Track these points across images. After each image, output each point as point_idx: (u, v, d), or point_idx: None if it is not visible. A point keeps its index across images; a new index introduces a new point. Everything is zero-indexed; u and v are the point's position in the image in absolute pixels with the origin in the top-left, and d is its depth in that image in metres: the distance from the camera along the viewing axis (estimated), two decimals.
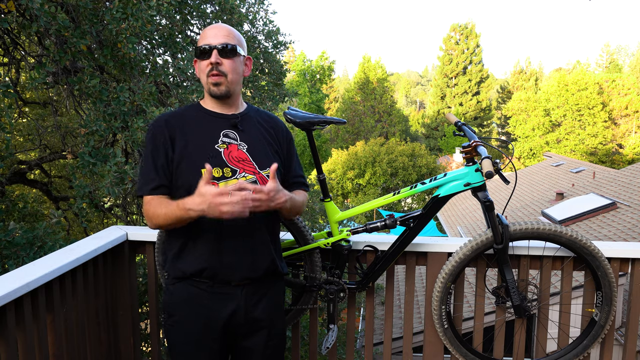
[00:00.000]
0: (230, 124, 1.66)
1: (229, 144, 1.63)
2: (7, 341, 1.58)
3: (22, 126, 6.18)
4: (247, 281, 1.65)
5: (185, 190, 1.56)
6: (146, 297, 3.40)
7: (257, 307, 1.68)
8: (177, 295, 1.65)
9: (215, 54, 1.59)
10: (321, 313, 5.39)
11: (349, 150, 26.11)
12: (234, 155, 1.63)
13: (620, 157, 31.34)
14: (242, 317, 1.65)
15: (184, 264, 1.62)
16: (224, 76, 1.61)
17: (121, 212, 4.24)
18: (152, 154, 1.61)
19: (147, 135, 1.65)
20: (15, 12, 3.14)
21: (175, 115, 1.68)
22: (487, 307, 4.86)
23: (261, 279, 1.69)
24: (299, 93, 22.29)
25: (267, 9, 5.79)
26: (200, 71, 1.64)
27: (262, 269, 1.67)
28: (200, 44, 1.63)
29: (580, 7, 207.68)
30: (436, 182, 1.91)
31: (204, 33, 1.66)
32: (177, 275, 1.64)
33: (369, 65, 36.31)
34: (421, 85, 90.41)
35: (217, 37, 1.61)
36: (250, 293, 1.67)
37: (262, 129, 1.72)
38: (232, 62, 1.62)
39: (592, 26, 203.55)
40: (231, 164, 1.61)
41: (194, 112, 1.69)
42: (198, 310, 1.63)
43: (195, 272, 1.61)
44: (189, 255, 1.62)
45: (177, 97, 4.00)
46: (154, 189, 1.59)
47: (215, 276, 1.61)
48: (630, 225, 9.86)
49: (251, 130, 1.69)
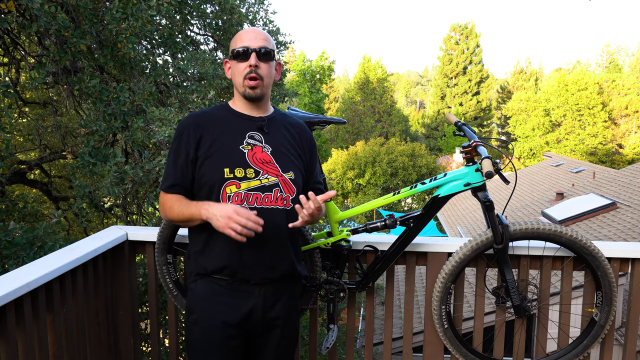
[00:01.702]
0: (256, 126, 1.69)
1: (254, 146, 1.66)
2: (7, 341, 1.58)
3: (22, 126, 6.18)
4: (266, 281, 1.67)
5: (208, 188, 1.63)
6: (146, 297, 3.40)
7: (274, 308, 1.70)
8: (199, 292, 1.68)
9: (254, 56, 1.63)
10: (321, 313, 5.39)
11: (349, 150, 26.11)
12: (258, 156, 1.65)
13: (620, 157, 31.34)
14: (259, 316, 1.68)
15: (205, 261, 1.66)
16: (261, 79, 1.65)
17: (121, 212, 4.24)
18: (175, 152, 1.67)
19: (176, 131, 1.70)
20: (15, 12, 3.14)
21: (204, 114, 1.72)
22: (487, 307, 4.86)
23: (279, 280, 1.71)
24: (299, 93, 22.31)
25: (267, 9, 5.79)
26: (236, 72, 1.67)
27: (281, 271, 1.70)
28: (237, 46, 1.65)
29: (580, 7, 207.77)
30: (436, 182, 1.91)
31: (239, 36, 1.68)
32: (199, 272, 1.68)
33: (369, 65, 36.32)
34: (421, 85, 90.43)
35: (256, 40, 1.65)
36: (269, 293, 1.69)
37: (287, 134, 1.75)
38: (268, 66, 1.67)
39: (592, 26, 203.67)
40: (255, 165, 1.64)
41: (223, 112, 1.72)
42: (217, 308, 1.65)
43: (216, 269, 1.65)
44: (211, 252, 1.66)
45: (177, 97, 4.00)
46: (170, 186, 1.67)
47: (235, 274, 1.64)
48: (630, 225, 9.86)
49: (276, 134, 1.72)
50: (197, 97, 3.98)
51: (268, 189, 1.64)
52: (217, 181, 1.61)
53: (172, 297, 2.20)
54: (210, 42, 5.67)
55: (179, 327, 2.48)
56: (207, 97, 3.95)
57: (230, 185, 1.61)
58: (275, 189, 1.65)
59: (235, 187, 1.61)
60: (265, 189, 1.63)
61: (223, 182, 1.61)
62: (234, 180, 1.61)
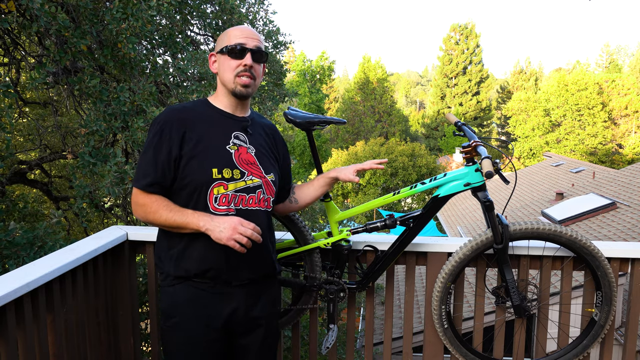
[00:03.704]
0: (241, 126, 1.68)
1: (239, 146, 1.64)
2: (7, 341, 1.57)
3: (22, 126, 6.18)
4: (248, 282, 1.67)
5: (192, 189, 1.57)
6: (146, 297, 3.40)
7: (256, 306, 1.69)
8: (179, 296, 1.63)
9: (249, 56, 1.61)
10: (321, 313, 5.39)
11: (349, 150, 26.11)
12: (243, 157, 1.64)
13: (620, 157, 31.34)
14: (242, 316, 1.66)
15: (187, 264, 1.61)
16: (254, 79, 1.64)
17: (121, 212, 4.24)
18: (155, 148, 1.57)
19: (153, 125, 1.60)
20: (15, 12, 3.14)
21: (185, 110, 1.65)
22: (487, 307, 4.86)
23: (260, 279, 1.71)
24: (299, 93, 22.28)
25: (267, 9, 5.80)
26: (228, 68, 1.63)
27: (263, 271, 1.70)
28: (231, 42, 1.62)
29: (580, 7, 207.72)
30: (436, 182, 1.91)
31: (233, 32, 1.65)
32: (178, 275, 1.62)
33: (369, 66, 36.31)
34: (421, 85, 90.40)
35: (252, 40, 1.63)
36: (251, 293, 1.68)
37: (265, 136, 1.76)
38: (259, 67, 1.67)
39: (592, 26, 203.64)
40: (240, 166, 1.62)
41: (205, 108, 1.68)
42: (199, 312, 1.62)
43: (199, 272, 1.60)
44: (192, 254, 1.60)
45: (177, 97, 4.01)
46: (149, 185, 1.57)
47: (219, 277, 1.61)
48: (630, 225, 9.86)
49: (257, 135, 1.72)
50: (197, 97, 3.98)
51: (252, 190, 1.63)
52: (204, 182, 1.55)
53: None
54: (210, 42, 5.67)
55: None
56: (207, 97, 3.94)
57: (218, 186, 1.57)
58: (258, 191, 1.64)
59: (222, 189, 1.57)
60: (249, 190, 1.62)
61: (211, 183, 1.56)
62: (222, 181, 1.57)
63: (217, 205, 1.57)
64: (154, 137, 1.58)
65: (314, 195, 1.90)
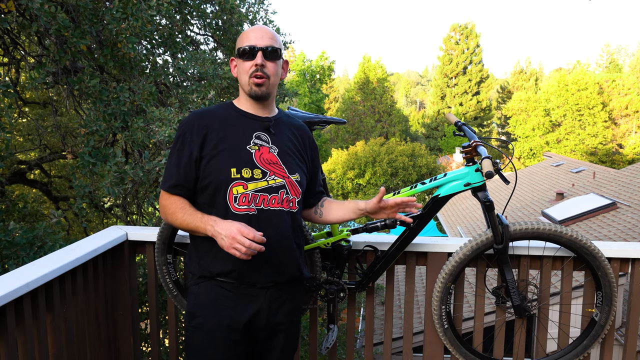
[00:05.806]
0: (263, 126, 1.67)
1: (261, 146, 1.64)
2: (7, 341, 1.58)
3: (22, 126, 6.18)
4: (272, 284, 1.65)
5: (213, 189, 1.59)
6: (146, 297, 3.40)
7: (279, 312, 1.68)
8: (203, 296, 1.64)
9: (260, 55, 1.61)
10: (321, 313, 5.38)
11: (349, 150, 26.11)
12: (265, 157, 1.63)
13: (620, 157, 31.33)
14: (264, 320, 1.65)
15: (211, 264, 1.62)
16: (267, 78, 1.63)
17: (121, 212, 4.23)
18: (178, 151, 1.63)
19: (178, 130, 1.66)
20: (15, 12, 3.14)
21: (208, 112, 1.68)
22: (487, 307, 4.85)
23: (285, 283, 1.69)
24: (299, 93, 22.28)
25: (267, 9, 5.79)
26: (242, 71, 1.65)
27: (288, 274, 1.68)
28: (243, 44, 1.63)
29: (580, 7, 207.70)
30: (436, 182, 1.91)
31: (244, 34, 1.66)
32: (202, 274, 1.64)
33: (369, 65, 36.30)
34: (421, 85, 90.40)
35: (262, 39, 1.63)
36: (275, 297, 1.67)
37: (292, 136, 1.74)
38: (274, 65, 1.65)
39: (592, 26, 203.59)
40: (262, 166, 1.61)
41: (228, 111, 1.69)
42: (222, 312, 1.62)
43: (222, 272, 1.61)
44: (217, 255, 1.61)
45: (177, 97, 4.00)
46: (172, 186, 1.63)
47: (242, 277, 1.61)
48: (630, 225, 9.86)
49: (282, 135, 1.70)
50: (197, 97, 3.98)
51: (275, 190, 1.62)
52: (223, 181, 1.57)
53: (172, 297, 2.20)
54: (210, 42, 5.67)
55: (179, 327, 2.48)
56: (207, 97, 3.95)
57: (237, 185, 1.58)
58: (281, 191, 1.63)
59: (242, 188, 1.58)
60: (272, 190, 1.61)
61: (230, 183, 1.58)
62: (241, 180, 1.58)
63: (237, 205, 1.58)
64: (177, 141, 1.65)
65: (341, 217, 1.83)
